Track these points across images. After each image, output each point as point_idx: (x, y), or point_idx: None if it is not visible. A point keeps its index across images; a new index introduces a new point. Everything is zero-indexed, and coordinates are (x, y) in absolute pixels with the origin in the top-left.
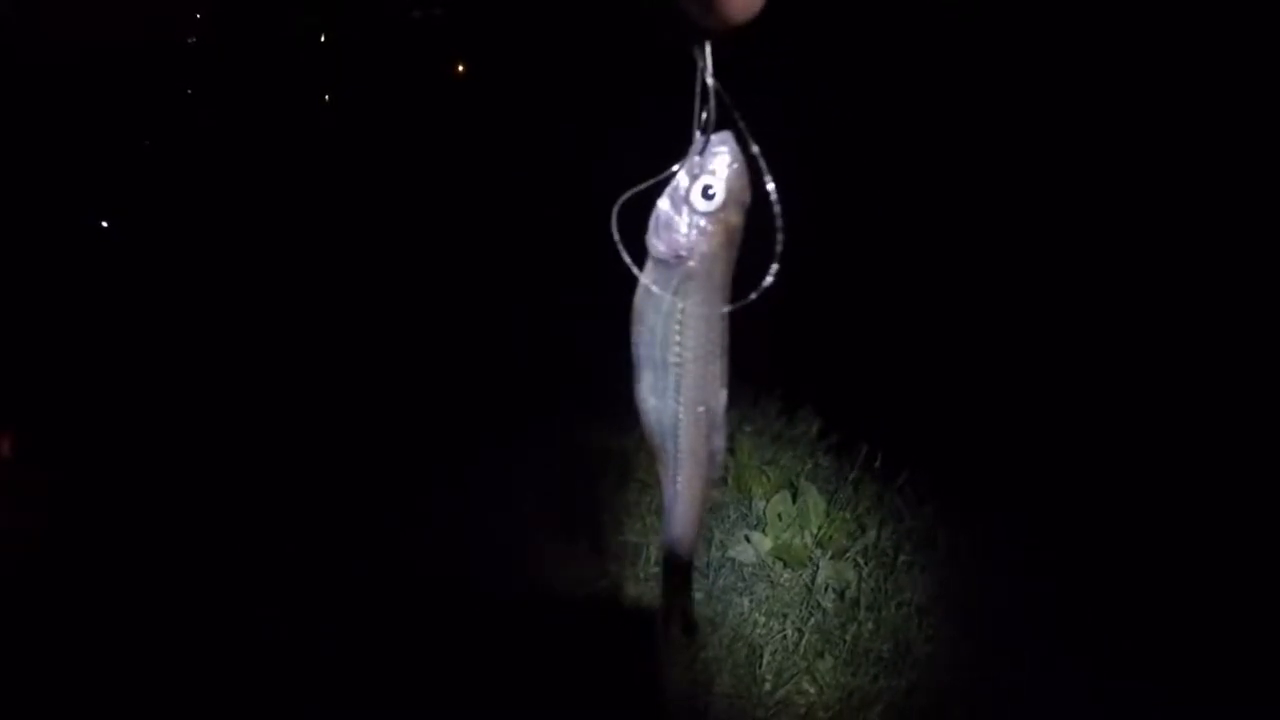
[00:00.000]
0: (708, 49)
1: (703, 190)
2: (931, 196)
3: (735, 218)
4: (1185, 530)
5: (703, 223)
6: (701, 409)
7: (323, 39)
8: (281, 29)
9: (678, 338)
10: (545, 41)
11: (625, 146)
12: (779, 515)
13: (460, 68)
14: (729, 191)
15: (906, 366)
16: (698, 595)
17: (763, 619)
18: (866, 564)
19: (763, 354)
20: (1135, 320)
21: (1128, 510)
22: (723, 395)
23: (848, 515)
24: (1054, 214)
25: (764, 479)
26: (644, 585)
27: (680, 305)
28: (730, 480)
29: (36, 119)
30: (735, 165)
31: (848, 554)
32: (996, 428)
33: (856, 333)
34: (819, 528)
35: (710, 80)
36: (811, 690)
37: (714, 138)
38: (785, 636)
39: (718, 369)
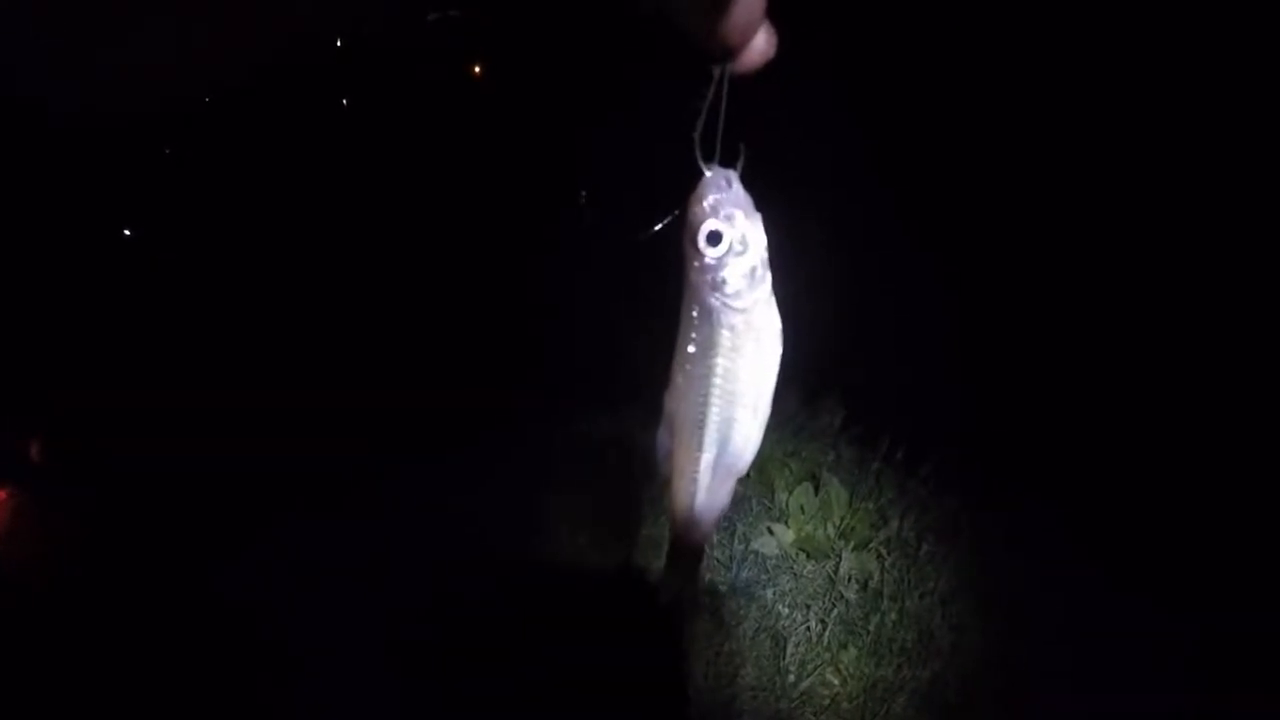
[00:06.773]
0: (716, 78)
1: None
2: (950, 184)
3: (691, 252)
4: (1213, 513)
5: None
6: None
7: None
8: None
9: None
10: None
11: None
12: (801, 507)
13: (477, 69)
14: (686, 226)
15: (927, 356)
16: (721, 588)
17: (786, 610)
18: (889, 554)
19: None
20: (1160, 303)
21: (1151, 498)
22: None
23: (870, 506)
24: (1073, 202)
25: (786, 471)
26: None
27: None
28: (752, 472)
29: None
30: (695, 203)
31: (870, 545)
32: (1018, 417)
33: (878, 323)
34: (841, 519)
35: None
36: (835, 681)
37: (709, 175)
38: (809, 628)
39: (694, 399)
